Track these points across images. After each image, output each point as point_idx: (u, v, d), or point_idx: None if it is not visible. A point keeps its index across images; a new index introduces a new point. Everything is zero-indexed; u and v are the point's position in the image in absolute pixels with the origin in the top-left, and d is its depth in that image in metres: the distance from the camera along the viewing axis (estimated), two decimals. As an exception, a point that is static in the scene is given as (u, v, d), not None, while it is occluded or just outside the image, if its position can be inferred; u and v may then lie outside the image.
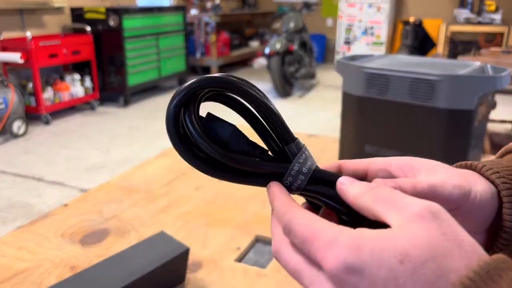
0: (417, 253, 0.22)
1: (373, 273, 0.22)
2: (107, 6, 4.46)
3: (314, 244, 0.24)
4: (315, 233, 0.25)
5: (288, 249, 0.27)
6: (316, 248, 0.24)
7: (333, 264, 0.23)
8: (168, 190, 0.84)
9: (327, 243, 0.24)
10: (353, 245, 0.23)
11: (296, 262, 0.26)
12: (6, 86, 3.37)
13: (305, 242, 0.25)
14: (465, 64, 0.91)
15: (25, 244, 0.65)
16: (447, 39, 5.94)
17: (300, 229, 0.26)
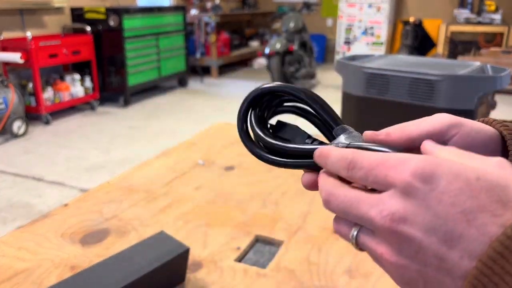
0: (494, 177, 0.23)
1: (448, 182, 0.23)
2: (107, 6, 4.47)
3: (386, 165, 0.25)
4: (385, 157, 0.25)
5: (343, 188, 0.27)
6: (388, 168, 0.24)
7: (407, 173, 0.23)
8: (168, 190, 0.84)
9: (402, 160, 0.24)
10: (429, 160, 0.24)
11: (352, 195, 0.26)
12: (6, 86, 3.37)
13: (374, 168, 0.25)
14: (465, 64, 0.91)
15: (25, 244, 0.65)
16: (447, 39, 5.94)
17: (367, 159, 0.26)
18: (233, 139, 1.12)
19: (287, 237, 0.68)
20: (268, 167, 0.94)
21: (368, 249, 0.26)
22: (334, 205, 0.27)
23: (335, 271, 0.60)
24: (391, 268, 0.25)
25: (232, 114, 4.11)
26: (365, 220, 0.25)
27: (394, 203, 0.24)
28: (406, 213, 0.23)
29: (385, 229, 0.24)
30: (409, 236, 0.23)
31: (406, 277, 0.24)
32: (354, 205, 0.26)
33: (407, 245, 0.23)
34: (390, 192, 0.24)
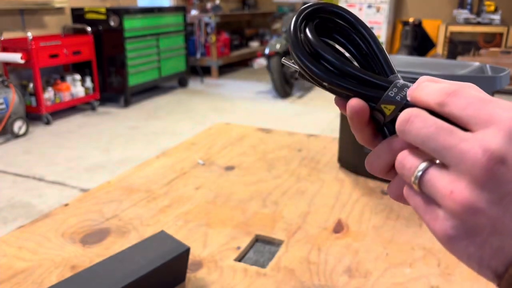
0: None
1: None
2: (107, 6, 4.47)
3: (493, 102, 0.23)
4: (491, 98, 0.24)
5: (430, 115, 0.25)
6: (495, 105, 0.23)
7: None
8: (168, 190, 0.84)
9: (510, 103, 0.23)
10: None
11: (443, 123, 0.24)
12: (6, 86, 3.37)
13: (479, 101, 0.23)
14: (464, 64, 0.91)
15: (25, 244, 0.65)
16: (446, 40, 5.94)
17: (474, 92, 0.24)
18: (233, 139, 1.12)
19: (287, 237, 0.68)
20: (268, 167, 0.94)
21: (434, 187, 0.24)
22: (417, 126, 0.24)
23: (335, 271, 0.60)
24: (459, 210, 0.22)
25: (232, 114, 4.12)
26: (451, 152, 0.23)
27: (495, 141, 0.22)
28: (507, 154, 0.21)
29: (476, 166, 0.22)
30: (503, 178, 0.21)
31: (471, 224, 0.22)
32: (443, 133, 0.23)
33: (495, 187, 0.21)
34: (492, 130, 0.22)
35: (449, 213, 0.23)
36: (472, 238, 0.23)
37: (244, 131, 1.19)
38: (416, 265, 0.61)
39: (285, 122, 3.78)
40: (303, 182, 0.87)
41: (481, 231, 0.22)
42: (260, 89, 5.04)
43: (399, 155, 0.26)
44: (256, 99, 4.67)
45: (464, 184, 0.22)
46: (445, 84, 0.26)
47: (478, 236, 0.22)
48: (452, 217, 0.23)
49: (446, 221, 0.23)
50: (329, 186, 0.86)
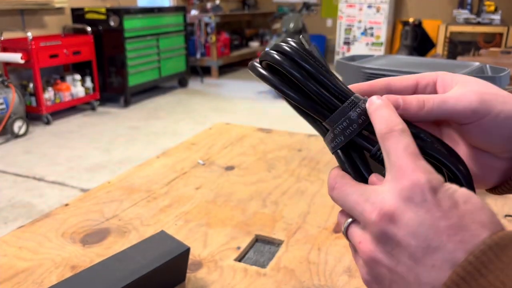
0: (478, 201, 0.25)
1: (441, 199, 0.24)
2: (107, 6, 4.47)
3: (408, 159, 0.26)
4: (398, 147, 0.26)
5: (348, 180, 0.29)
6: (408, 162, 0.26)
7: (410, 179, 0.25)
8: (169, 189, 0.84)
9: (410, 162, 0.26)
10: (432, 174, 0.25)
11: (354, 188, 0.28)
12: (7, 86, 3.37)
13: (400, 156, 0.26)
14: (464, 64, 0.91)
15: (26, 244, 0.65)
16: (446, 40, 5.94)
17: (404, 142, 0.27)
18: (233, 139, 1.12)
19: (287, 237, 0.68)
20: (268, 167, 0.94)
21: (353, 239, 0.28)
22: (336, 192, 0.29)
23: (335, 271, 0.60)
24: (364, 258, 0.26)
25: (232, 114, 4.12)
26: (356, 213, 0.27)
27: (388, 199, 0.25)
28: (395, 212, 0.25)
29: (371, 224, 0.25)
30: (390, 233, 0.25)
31: (376, 272, 0.26)
32: (352, 196, 0.27)
33: (386, 241, 0.25)
34: (391, 186, 0.25)
35: (362, 261, 0.27)
36: (380, 284, 0.26)
37: (244, 131, 1.19)
38: (416, 265, 0.61)
39: (285, 122, 3.78)
40: (303, 182, 0.87)
41: (384, 279, 0.26)
42: (260, 89, 5.04)
43: (338, 214, 0.31)
44: (256, 99, 4.67)
45: (366, 237, 0.26)
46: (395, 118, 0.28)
47: (382, 283, 0.26)
48: (364, 265, 0.27)
49: (362, 268, 0.28)
50: (329, 186, 0.85)
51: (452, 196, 0.24)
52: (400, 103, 0.29)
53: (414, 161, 0.25)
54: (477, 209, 0.24)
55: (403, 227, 0.24)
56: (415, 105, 0.29)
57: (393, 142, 0.26)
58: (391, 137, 0.27)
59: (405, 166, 0.25)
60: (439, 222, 0.24)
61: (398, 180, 0.25)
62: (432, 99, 0.29)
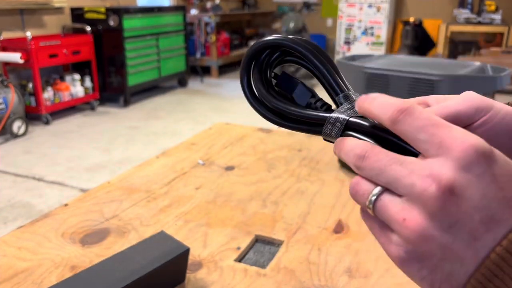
0: None
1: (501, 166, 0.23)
2: (107, 6, 4.47)
3: (448, 128, 0.23)
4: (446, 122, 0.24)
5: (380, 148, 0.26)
6: (450, 131, 0.23)
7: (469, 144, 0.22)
8: (168, 190, 0.84)
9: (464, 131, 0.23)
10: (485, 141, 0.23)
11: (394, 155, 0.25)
12: (6, 86, 3.37)
13: (434, 124, 0.24)
14: (465, 64, 0.91)
15: (25, 244, 0.65)
16: (447, 39, 5.94)
17: (428, 114, 0.24)
18: (233, 139, 1.12)
19: (287, 237, 0.68)
20: (268, 167, 0.94)
21: (387, 214, 0.25)
22: (369, 162, 0.25)
23: (335, 271, 0.60)
24: (411, 237, 0.23)
25: (232, 114, 4.11)
26: (403, 183, 0.24)
27: (445, 171, 0.22)
28: (456, 185, 0.22)
29: (427, 196, 0.22)
30: (452, 208, 0.22)
31: (422, 250, 0.23)
32: (394, 165, 0.24)
33: (445, 216, 0.22)
34: (442, 159, 0.23)
35: (402, 239, 0.24)
36: (424, 262, 0.24)
37: (244, 131, 1.19)
38: (416, 265, 0.61)
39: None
40: (303, 182, 0.87)
41: (432, 257, 0.23)
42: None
43: (352, 181, 0.27)
44: (256, 99, 4.66)
45: (415, 212, 0.23)
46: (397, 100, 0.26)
47: (429, 261, 0.24)
48: (405, 243, 0.24)
49: (399, 246, 0.24)
50: (329, 186, 0.85)
51: (505, 164, 0.23)
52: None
53: (454, 129, 0.23)
54: None
55: (466, 201, 0.22)
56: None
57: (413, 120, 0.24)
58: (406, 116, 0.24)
59: (447, 137, 0.23)
60: (500, 194, 0.22)
61: (447, 152, 0.23)
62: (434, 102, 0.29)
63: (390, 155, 0.25)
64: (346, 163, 0.27)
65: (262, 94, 0.32)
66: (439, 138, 0.23)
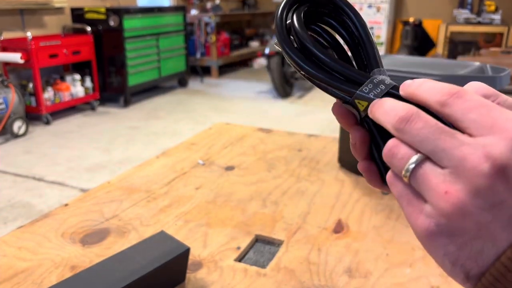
0: None
1: None
2: (107, 6, 4.47)
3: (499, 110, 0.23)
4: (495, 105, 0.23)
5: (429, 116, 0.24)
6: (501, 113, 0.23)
7: None
8: (168, 190, 0.84)
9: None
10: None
11: (443, 125, 0.23)
12: (6, 86, 3.37)
13: (485, 106, 0.23)
14: (464, 64, 0.91)
15: (25, 244, 0.65)
16: (446, 39, 5.94)
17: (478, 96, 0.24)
18: (233, 139, 1.12)
19: (287, 237, 0.68)
20: (268, 167, 0.94)
21: (427, 183, 0.23)
22: (417, 126, 0.24)
23: (335, 271, 0.60)
24: (449, 210, 0.22)
25: (232, 114, 4.11)
26: (451, 155, 0.22)
27: (498, 149, 0.21)
28: (508, 164, 0.21)
29: (476, 172, 0.22)
30: (500, 188, 0.22)
31: (456, 225, 0.23)
32: (444, 135, 0.23)
33: (490, 195, 0.22)
34: (494, 137, 0.22)
35: (437, 211, 0.23)
36: (454, 238, 0.23)
37: (244, 131, 1.19)
38: (416, 265, 0.61)
39: (285, 122, 3.78)
40: (303, 182, 0.87)
41: (465, 233, 0.23)
42: (260, 89, 5.03)
43: (390, 142, 0.25)
44: (256, 99, 4.66)
45: (459, 186, 0.22)
46: (446, 84, 0.25)
47: (460, 237, 0.23)
48: (439, 215, 0.23)
49: (431, 218, 0.23)
50: (329, 186, 0.86)
51: None
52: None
53: (507, 111, 0.23)
54: None
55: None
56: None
57: (464, 102, 0.23)
58: (456, 98, 0.23)
59: (501, 117, 0.22)
60: None
61: (501, 132, 0.22)
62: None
63: (438, 124, 0.23)
64: (381, 123, 0.26)
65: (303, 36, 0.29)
66: (491, 119, 0.22)
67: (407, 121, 0.24)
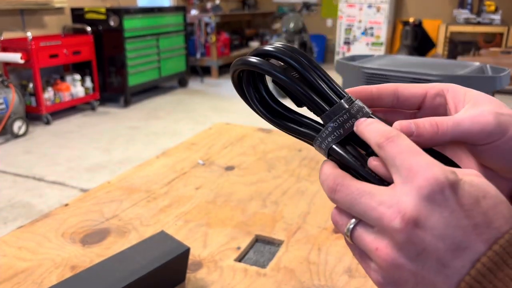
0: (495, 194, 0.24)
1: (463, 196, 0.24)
2: (107, 6, 4.47)
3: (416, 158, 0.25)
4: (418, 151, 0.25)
5: (352, 179, 0.27)
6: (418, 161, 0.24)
7: (433, 175, 0.23)
8: (169, 190, 0.84)
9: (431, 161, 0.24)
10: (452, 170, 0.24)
11: (363, 188, 0.26)
12: (6, 86, 3.37)
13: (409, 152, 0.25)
14: (464, 64, 0.91)
15: (25, 244, 0.65)
16: (446, 40, 5.94)
17: (407, 141, 0.26)
18: (233, 139, 1.12)
19: (287, 237, 0.68)
20: (268, 167, 0.94)
21: (363, 243, 0.26)
22: (340, 195, 0.27)
23: (335, 271, 0.60)
24: (383, 265, 0.25)
25: (232, 114, 4.12)
26: (371, 216, 0.25)
27: (409, 202, 0.23)
28: (419, 216, 0.23)
29: (393, 229, 0.24)
30: (417, 238, 0.23)
31: (396, 277, 0.25)
32: (363, 199, 0.25)
33: (411, 246, 0.24)
34: (408, 187, 0.24)
35: (377, 266, 0.26)
36: (399, 287, 0.25)
37: (244, 131, 1.19)
38: (416, 265, 0.61)
39: (285, 122, 3.78)
40: (303, 182, 0.87)
41: (406, 283, 0.25)
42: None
43: (333, 212, 0.28)
44: (256, 99, 4.66)
45: (385, 242, 0.24)
46: (388, 128, 0.27)
47: (403, 286, 0.25)
48: (380, 270, 0.25)
49: (376, 272, 0.26)
50: (329, 186, 0.85)
51: (471, 191, 0.24)
52: (413, 128, 0.27)
53: (423, 158, 0.24)
54: (497, 203, 0.24)
55: (429, 231, 0.23)
56: (428, 130, 0.28)
57: (394, 146, 0.25)
58: (389, 142, 0.26)
59: (416, 165, 0.24)
60: (465, 222, 0.23)
61: (412, 180, 0.24)
62: (445, 122, 0.28)
63: (360, 187, 0.26)
64: None
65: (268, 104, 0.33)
66: (408, 166, 0.24)
67: (334, 191, 0.27)
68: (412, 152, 0.25)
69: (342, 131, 0.29)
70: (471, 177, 0.24)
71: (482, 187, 0.24)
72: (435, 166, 0.24)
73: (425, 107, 0.32)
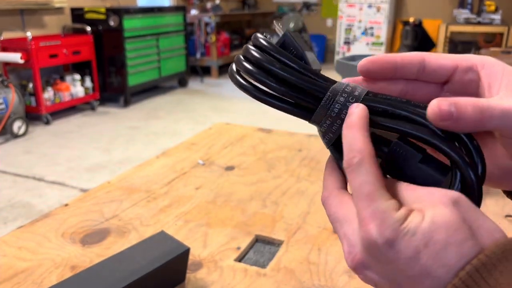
0: (441, 239, 0.23)
1: (402, 249, 0.24)
2: (107, 6, 4.47)
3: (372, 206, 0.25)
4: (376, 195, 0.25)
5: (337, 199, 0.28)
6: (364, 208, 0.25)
7: (376, 230, 0.24)
8: (169, 190, 0.84)
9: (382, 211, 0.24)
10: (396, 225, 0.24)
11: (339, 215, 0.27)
12: (6, 86, 3.37)
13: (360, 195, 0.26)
14: (464, 64, 0.91)
15: (25, 244, 0.65)
16: (446, 39, 5.94)
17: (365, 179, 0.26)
18: (233, 139, 1.12)
19: (287, 237, 0.68)
20: (268, 167, 0.94)
21: None
22: (326, 210, 0.29)
23: (335, 271, 0.60)
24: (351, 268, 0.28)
25: (232, 114, 4.12)
26: (341, 241, 0.28)
27: (358, 248, 0.25)
28: (364, 262, 0.25)
29: (348, 263, 0.26)
30: (368, 277, 0.26)
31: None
32: (335, 224, 0.28)
33: (367, 280, 0.26)
34: (359, 231, 0.25)
35: None
36: None
37: (244, 131, 1.19)
38: (416, 265, 0.61)
39: (285, 122, 3.78)
40: (303, 182, 0.87)
41: None
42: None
43: None
44: (256, 99, 4.66)
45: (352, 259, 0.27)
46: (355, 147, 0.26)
47: None
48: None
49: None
50: (329, 186, 0.85)
51: (410, 242, 0.23)
52: (453, 111, 0.23)
53: (368, 205, 0.24)
54: (440, 249, 0.22)
55: (371, 276, 0.26)
56: (471, 115, 0.24)
57: (352, 178, 0.25)
58: (350, 172, 0.25)
59: (359, 212, 0.25)
60: (402, 274, 0.24)
61: (360, 225, 0.25)
62: (491, 109, 0.24)
63: (335, 211, 0.27)
64: None
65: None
66: (358, 209, 0.25)
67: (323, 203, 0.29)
68: (363, 195, 0.25)
69: (332, 135, 0.28)
70: (428, 215, 0.23)
71: (429, 232, 0.22)
72: (373, 223, 0.23)
73: (453, 81, 0.29)
